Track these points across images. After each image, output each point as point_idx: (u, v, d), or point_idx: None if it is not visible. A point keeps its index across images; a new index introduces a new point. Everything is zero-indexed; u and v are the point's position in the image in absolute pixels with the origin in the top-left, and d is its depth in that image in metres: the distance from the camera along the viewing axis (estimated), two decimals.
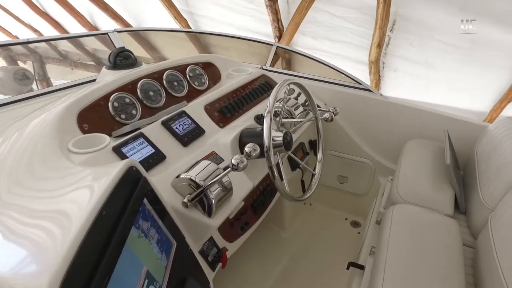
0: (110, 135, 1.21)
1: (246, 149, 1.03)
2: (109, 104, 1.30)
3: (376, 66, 4.76)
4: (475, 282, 1.29)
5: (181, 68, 1.69)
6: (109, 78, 1.44)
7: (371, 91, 2.21)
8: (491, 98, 4.49)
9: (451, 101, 4.57)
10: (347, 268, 1.62)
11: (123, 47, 1.66)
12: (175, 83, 1.62)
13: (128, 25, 6.32)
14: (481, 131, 1.87)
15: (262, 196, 1.58)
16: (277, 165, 1.24)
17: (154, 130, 1.25)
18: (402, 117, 2.14)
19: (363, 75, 4.93)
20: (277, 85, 1.26)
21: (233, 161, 0.97)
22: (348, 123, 2.28)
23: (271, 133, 1.13)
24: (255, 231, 1.53)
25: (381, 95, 2.20)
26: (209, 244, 1.23)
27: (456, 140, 1.90)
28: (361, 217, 2.45)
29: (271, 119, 1.15)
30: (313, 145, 2.16)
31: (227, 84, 1.73)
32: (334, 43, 4.81)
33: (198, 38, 3.40)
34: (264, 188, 1.62)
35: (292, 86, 1.42)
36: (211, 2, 5.33)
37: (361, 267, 1.53)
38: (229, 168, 0.99)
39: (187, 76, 1.70)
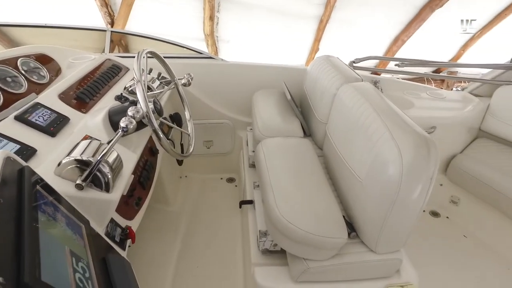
0: None
1: (129, 112, 1.06)
2: None
3: (212, 38, 5.16)
4: (330, 177, 1.71)
5: (10, 62, 1.48)
6: None
7: (214, 58, 2.44)
8: (304, 52, 5.66)
9: (278, 61, 5.55)
10: (240, 207, 1.85)
11: None
12: (9, 79, 1.42)
13: None
14: (304, 73, 2.35)
15: (145, 171, 1.61)
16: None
17: (9, 127, 1.12)
18: (245, 75, 2.46)
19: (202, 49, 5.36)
20: (137, 56, 1.30)
21: (121, 124, 0.99)
22: (200, 91, 2.46)
23: (146, 98, 1.19)
24: (145, 212, 1.56)
25: (222, 60, 2.46)
26: (112, 225, 1.22)
27: (290, 84, 2.35)
28: (233, 172, 2.73)
29: (143, 87, 1.20)
30: (174, 118, 2.26)
31: (74, 72, 1.63)
32: (167, 26, 4.90)
33: (8, 39, 2.85)
34: (144, 163, 1.64)
35: (143, 64, 1.47)
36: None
37: (251, 202, 1.79)
38: (120, 132, 1.01)
39: (21, 70, 1.51)
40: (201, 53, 2.44)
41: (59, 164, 1.01)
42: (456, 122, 2.38)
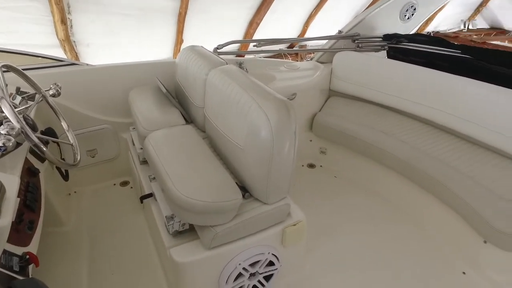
0: None
1: (2, 131, 1.03)
2: None
3: (69, 44, 4.69)
4: (218, 154, 1.90)
5: None
6: None
7: (77, 64, 2.32)
8: (169, 45, 5.67)
9: (144, 57, 5.41)
10: (141, 202, 1.90)
11: None
12: None
13: None
14: (174, 66, 2.45)
15: (30, 194, 1.52)
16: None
17: None
18: (116, 77, 2.43)
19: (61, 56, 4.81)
20: None
21: None
22: (71, 99, 2.33)
23: (16, 114, 1.14)
24: (41, 239, 1.49)
25: (87, 64, 2.36)
26: (5, 256, 1.16)
27: (163, 77, 2.43)
28: (125, 175, 2.70)
29: (9, 102, 1.14)
30: (48, 133, 2.11)
31: None
32: (11, 35, 4.22)
33: None
34: (27, 186, 1.55)
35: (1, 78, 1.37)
36: None
37: (151, 195, 1.86)
38: None
39: None
40: (61, 61, 2.29)
41: None
42: (310, 87, 2.86)
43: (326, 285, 1.92)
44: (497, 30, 10.62)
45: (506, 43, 9.45)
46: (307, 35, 7.42)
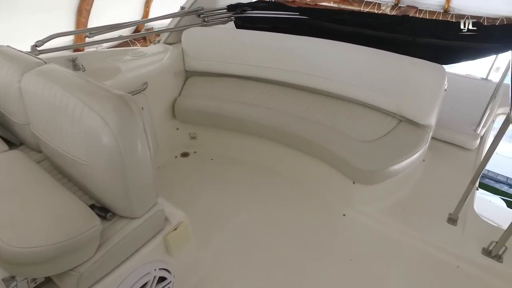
0: None
1: None
2: None
3: None
4: (63, 175, 1.54)
5: None
6: None
7: None
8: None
9: None
10: None
11: None
12: None
13: None
14: None
15: None
16: None
17: None
18: None
19: None
20: None
21: None
22: None
23: None
24: None
25: None
26: None
27: None
28: None
29: None
30: None
31: None
32: None
33: None
34: None
35: None
36: None
37: None
38: None
39: None
40: None
41: None
42: (162, 71, 2.61)
43: (228, 274, 1.84)
44: None
45: (331, 4, 10.95)
46: (150, 17, 6.86)
